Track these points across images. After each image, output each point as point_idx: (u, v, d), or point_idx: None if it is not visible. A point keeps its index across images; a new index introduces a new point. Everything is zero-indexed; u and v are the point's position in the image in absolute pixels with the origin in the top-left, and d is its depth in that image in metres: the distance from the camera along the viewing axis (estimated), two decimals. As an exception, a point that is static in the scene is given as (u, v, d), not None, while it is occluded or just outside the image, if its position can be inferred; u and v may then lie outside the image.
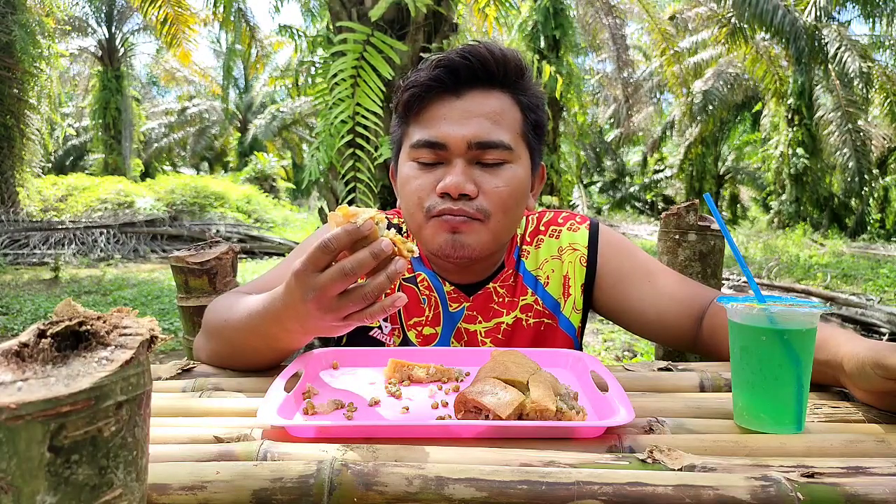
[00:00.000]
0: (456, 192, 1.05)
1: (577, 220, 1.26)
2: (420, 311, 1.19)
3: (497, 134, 1.07)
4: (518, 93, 1.12)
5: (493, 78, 1.09)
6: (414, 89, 1.09)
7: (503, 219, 1.09)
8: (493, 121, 1.07)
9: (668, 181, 24.71)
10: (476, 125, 1.06)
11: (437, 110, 1.08)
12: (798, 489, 0.57)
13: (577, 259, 1.21)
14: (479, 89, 1.09)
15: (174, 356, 4.81)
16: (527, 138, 1.13)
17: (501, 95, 1.10)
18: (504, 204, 1.08)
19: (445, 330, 1.18)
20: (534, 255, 1.23)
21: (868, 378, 0.75)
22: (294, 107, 23.66)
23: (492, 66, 1.08)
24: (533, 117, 1.14)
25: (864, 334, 5.46)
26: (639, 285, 1.17)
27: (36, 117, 12.05)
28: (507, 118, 1.09)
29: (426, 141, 1.08)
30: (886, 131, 17.03)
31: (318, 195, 22.22)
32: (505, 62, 1.09)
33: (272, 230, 13.87)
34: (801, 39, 13.56)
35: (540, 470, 0.59)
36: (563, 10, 12.75)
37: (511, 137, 1.09)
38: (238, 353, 0.98)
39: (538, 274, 1.21)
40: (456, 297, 1.19)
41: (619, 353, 5.06)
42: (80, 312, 0.40)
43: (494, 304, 1.19)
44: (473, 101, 1.08)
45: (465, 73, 1.07)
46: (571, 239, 1.23)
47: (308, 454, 0.63)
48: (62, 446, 0.33)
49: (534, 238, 1.25)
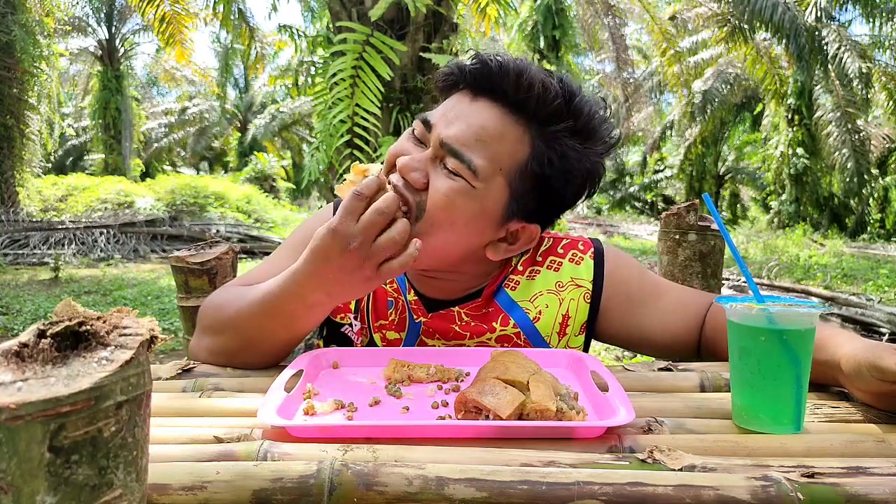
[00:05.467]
0: (402, 171, 1.00)
1: (580, 247, 1.17)
2: (385, 314, 1.15)
3: (472, 151, 0.96)
4: (539, 139, 0.99)
5: (518, 103, 0.98)
6: (448, 75, 1.05)
7: (431, 230, 0.97)
8: (480, 137, 0.97)
9: (668, 181, 24.72)
10: (459, 129, 0.97)
11: (451, 101, 1.04)
12: (798, 489, 0.57)
13: (581, 296, 1.13)
14: (496, 102, 0.99)
15: (174, 356, 4.81)
16: (514, 187, 1.00)
17: (515, 125, 0.98)
18: (436, 216, 0.97)
19: (409, 337, 1.14)
20: (525, 286, 1.14)
21: (865, 379, 0.75)
22: (294, 107, 23.67)
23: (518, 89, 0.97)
24: (537, 170, 0.99)
25: (864, 334, 5.46)
26: (646, 309, 1.14)
27: (36, 117, 12.05)
28: (500, 147, 0.97)
29: (422, 117, 1.05)
30: (888, 131, 17.03)
31: (318, 195, 22.25)
32: (540, 99, 0.96)
33: (272, 230, 13.85)
34: (801, 37, 13.56)
35: (540, 470, 0.59)
36: (563, 10, 12.77)
37: (486, 166, 0.96)
38: (251, 343, 0.98)
39: (527, 307, 1.12)
40: (416, 308, 1.13)
41: (619, 353, 5.06)
42: (80, 312, 0.40)
43: (456, 325, 1.12)
44: (481, 110, 0.99)
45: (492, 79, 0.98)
46: (574, 273, 1.14)
47: (308, 454, 0.63)
48: (62, 446, 0.33)
49: (527, 268, 1.15)
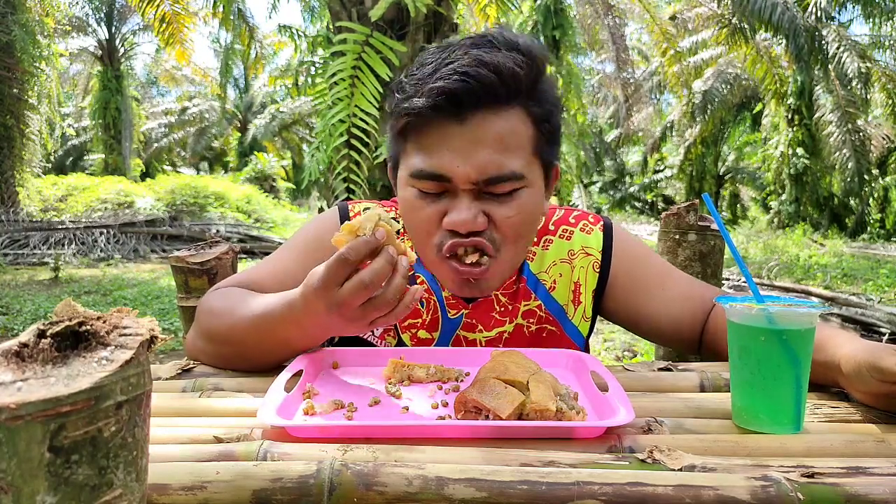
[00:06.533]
0: (464, 228, 0.96)
1: (590, 220, 1.18)
2: (416, 313, 1.13)
3: (507, 164, 0.95)
4: (531, 104, 0.98)
5: (500, 97, 0.95)
6: (410, 118, 0.97)
7: (515, 248, 1.02)
8: (503, 147, 0.95)
9: (668, 181, 24.71)
10: (483, 157, 0.94)
11: (438, 137, 0.96)
12: (798, 489, 0.57)
13: (590, 265, 1.14)
14: (484, 111, 0.95)
15: (174, 356, 4.81)
16: (540, 150, 1.01)
17: (511, 112, 0.96)
18: (517, 233, 1.00)
19: (444, 336, 1.13)
20: (540, 257, 1.15)
21: (865, 380, 0.75)
22: (294, 107, 23.65)
23: (497, 87, 0.93)
24: (547, 127, 1.01)
25: (864, 334, 5.47)
26: (652, 293, 1.13)
27: (36, 117, 12.05)
28: (518, 139, 0.97)
29: (428, 173, 0.97)
30: (888, 131, 17.03)
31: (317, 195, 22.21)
32: (515, 77, 0.94)
33: (272, 230, 13.86)
34: (800, 37, 13.55)
35: (540, 470, 0.59)
36: (563, 10, 12.76)
37: (523, 163, 0.97)
38: (246, 356, 0.97)
39: (543, 278, 1.14)
40: (455, 303, 1.12)
41: (619, 353, 5.06)
42: (80, 312, 0.40)
43: (496, 312, 1.13)
44: (479, 127, 0.94)
45: (467, 98, 0.93)
46: (584, 242, 1.15)
47: (308, 454, 0.63)
48: (62, 446, 0.33)
49: (541, 238, 1.16)
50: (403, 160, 1.04)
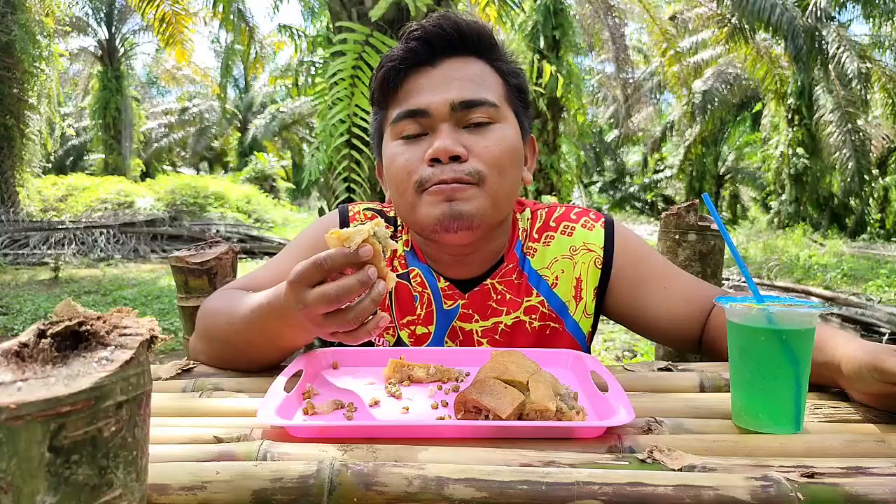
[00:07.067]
0: (446, 155, 1.01)
1: (592, 216, 1.19)
2: (412, 309, 1.14)
3: (480, 92, 1.04)
4: (495, 60, 1.10)
5: (469, 45, 1.07)
6: (390, 64, 1.06)
7: (499, 180, 1.04)
8: (475, 82, 1.05)
9: (668, 181, 24.71)
10: (457, 87, 1.04)
11: (414, 82, 1.06)
12: (798, 489, 0.57)
13: (592, 261, 1.15)
14: (455, 57, 1.07)
15: (174, 356, 4.81)
16: (512, 102, 1.10)
17: (479, 62, 1.08)
18: (497, 163, 1.03)
19: (439, 328, 1.13)
20: (541, 253, 1.16)
21: (865, 381, 0.75)
22: (294, 107, 23.66)
23: (466, 33, 1.06)
24: (514, 82, 1.11)
25: (865, 334, 5.47)
26: (654, 290, 1.13)
27: (36, 117, 12.06)
28: (489, 81, 1.07)
29: (407, 111, 1.05)
30: (887, 131, 17.03)
31: (317, 195, 22.24)
32: (477, 30, 1.07)
33: (272, 230, 13.86)
34: (799, 37, 13.55)
35: (540, 470, 0.59)
36: (563, 10, 12.74)
37: (495, 97, 1.06)
38: (242, 354, 0.98)
39: (545, 274, 1.15)
40: (451, 293, 1.13)
41: (619, 353, 5.06)
42: (80, 312, 0.40)
43: (493, 301, 1.13)
44: (451, 67, 1.06)
45: (439, 42, 1.05)
46: (586, 238, 1.16)
47: (308, 454, 0.63)
48: (62, 446, 0.33)
49: (542, 234, 1.17)
50: (387, 126, 1.10)
